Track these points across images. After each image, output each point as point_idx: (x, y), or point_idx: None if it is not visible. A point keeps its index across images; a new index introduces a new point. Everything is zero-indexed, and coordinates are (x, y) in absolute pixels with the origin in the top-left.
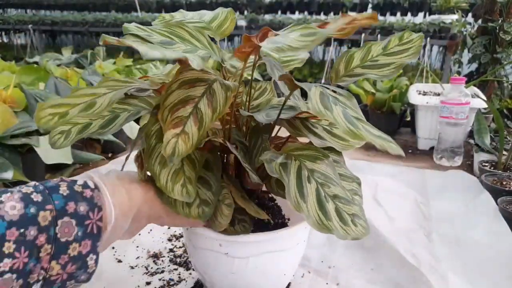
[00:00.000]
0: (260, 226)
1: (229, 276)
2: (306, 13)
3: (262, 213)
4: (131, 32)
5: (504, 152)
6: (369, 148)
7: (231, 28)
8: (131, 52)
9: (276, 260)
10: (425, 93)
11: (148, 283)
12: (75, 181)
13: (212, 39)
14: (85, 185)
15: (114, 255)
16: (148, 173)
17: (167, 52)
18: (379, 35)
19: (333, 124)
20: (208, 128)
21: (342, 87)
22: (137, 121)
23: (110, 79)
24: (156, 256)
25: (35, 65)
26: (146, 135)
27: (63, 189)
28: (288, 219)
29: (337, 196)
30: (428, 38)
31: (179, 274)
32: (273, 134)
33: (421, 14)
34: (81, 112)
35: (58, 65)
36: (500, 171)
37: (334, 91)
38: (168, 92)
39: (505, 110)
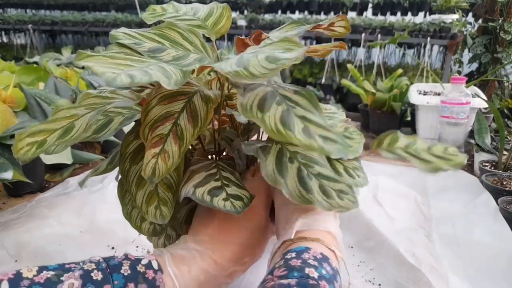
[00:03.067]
0: None
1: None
2: (306, 12)
3: None
4: (118, 40)
5: (505, 152)
6: (369, 148)
7: (227, 26)
8: None
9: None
10: (425, 93)
11: None
12: (140, 259)
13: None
14: (148, 265)
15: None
16: None
17: (138, 73)
18: (379, 35)
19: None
20: (189, 144)
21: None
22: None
23: (91, 96)
24: None
25: (35, 65)
26: (120, 157)
27: (125, 269)
28: None
29: (321, 174)
30: (429, 38)
31: None
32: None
33: (421, 14)
34: (59, 140)
35: (58, 65)
36: (500, 171)
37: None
38: (148, 108)
39: (505, 110)
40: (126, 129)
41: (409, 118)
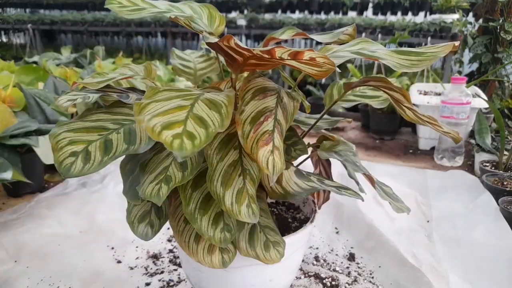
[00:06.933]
0: None
1: (224, 284)
2: (306, 12)
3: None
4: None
5: (505, 152)
6: (369, 148)
7: (222, 26)
8: (130, 52)
9: (271, 269)
10: (426, 93)
11: (147, 284)
12: None
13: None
14: None
15: (113, 255)
16: None
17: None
18: (379, 35)
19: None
20: (283, 138)
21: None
22: None
23: (120, 105)
24: (155, 257)
25: (34, 65)
26: (209, 162)
27: None
28: (298, 220)
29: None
30: (429, 38)
31: (179, 275)
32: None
33: (421, 14)
34: (105, 156)
35: (57, 65)
36: (501, 171)
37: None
38: (243, 103)
39: (506, 110)
40: None
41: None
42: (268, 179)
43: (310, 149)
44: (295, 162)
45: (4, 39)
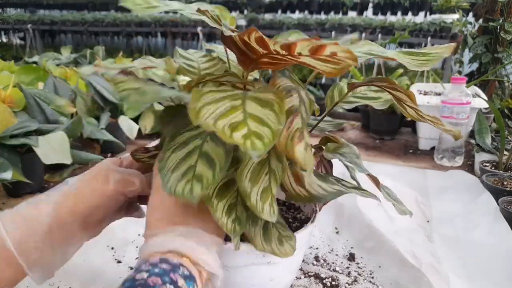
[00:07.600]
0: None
1: (224, 284)
2: (306, 12)
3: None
4: None
5: (505, 152)
6: (369, 148)
7: (233, 27)
8: (130, 52)
9: (271, 269)
10: (426, 93)
11: None
12: None
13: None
14: None
15: (113, 255)
16: None
17: None
18: (379, 35)
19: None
20: None
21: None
22: (136, 120)
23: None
24: None
25: (34, 65)
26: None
27: None
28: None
29: None
30: (429, 38)
31: None
32: None
33: (422, 14)
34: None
35: (57, 65)
36: (501, 171)
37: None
38: None
39: (506, 110)
40: (125, 128)
41: (409, 118)
42: (289, 181)
43: (312, 150)
44: None
45: (4, 39)
